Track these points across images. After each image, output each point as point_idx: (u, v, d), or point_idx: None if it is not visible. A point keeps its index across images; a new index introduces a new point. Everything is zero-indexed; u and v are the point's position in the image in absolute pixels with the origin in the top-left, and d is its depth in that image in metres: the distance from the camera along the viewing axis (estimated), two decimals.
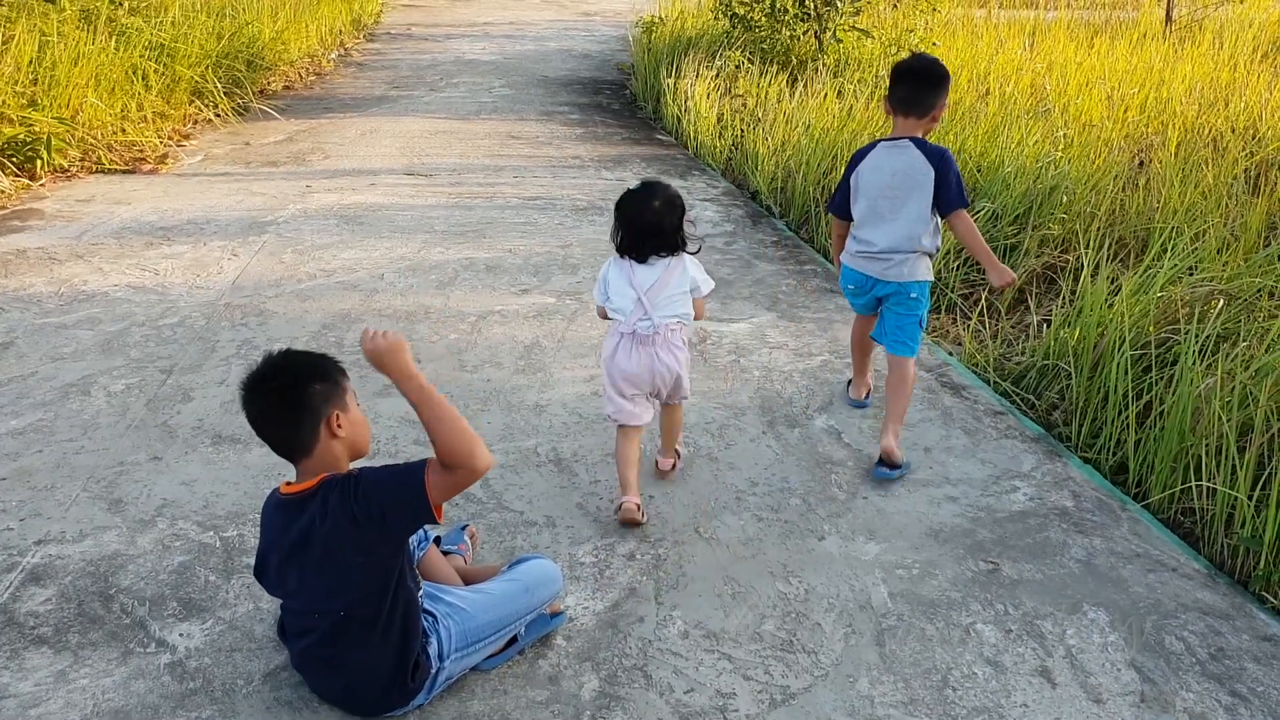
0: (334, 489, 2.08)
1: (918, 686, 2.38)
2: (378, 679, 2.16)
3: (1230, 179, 5.61)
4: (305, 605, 2.17)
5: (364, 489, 2.07)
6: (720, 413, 3.63)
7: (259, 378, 2.11)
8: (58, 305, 4.37)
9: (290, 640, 2.26)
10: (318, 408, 2.10)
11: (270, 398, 2.11)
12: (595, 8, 16.17)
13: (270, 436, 2.15)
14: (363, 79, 10.04)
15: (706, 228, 5.73)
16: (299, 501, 2.11)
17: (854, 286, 3.49)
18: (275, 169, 6.74)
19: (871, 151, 3.36)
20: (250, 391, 2.11)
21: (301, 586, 2.15)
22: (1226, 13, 11.64)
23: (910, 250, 3.31)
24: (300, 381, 2.10)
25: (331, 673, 2.19)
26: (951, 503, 3.14)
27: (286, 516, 2.14)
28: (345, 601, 2.11)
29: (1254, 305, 4.02)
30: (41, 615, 2.50)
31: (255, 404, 2.12)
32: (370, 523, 2.06)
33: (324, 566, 2.10)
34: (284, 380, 2.11)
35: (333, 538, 2.07)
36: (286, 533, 2.13)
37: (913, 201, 3.26)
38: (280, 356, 2.15)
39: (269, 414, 2.13)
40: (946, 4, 11.06)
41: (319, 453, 2.12)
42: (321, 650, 2.17)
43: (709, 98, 7.77)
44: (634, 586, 2.69)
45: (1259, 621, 2.65)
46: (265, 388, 2.10)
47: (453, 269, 4.97)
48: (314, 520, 2.08)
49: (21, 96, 6.22)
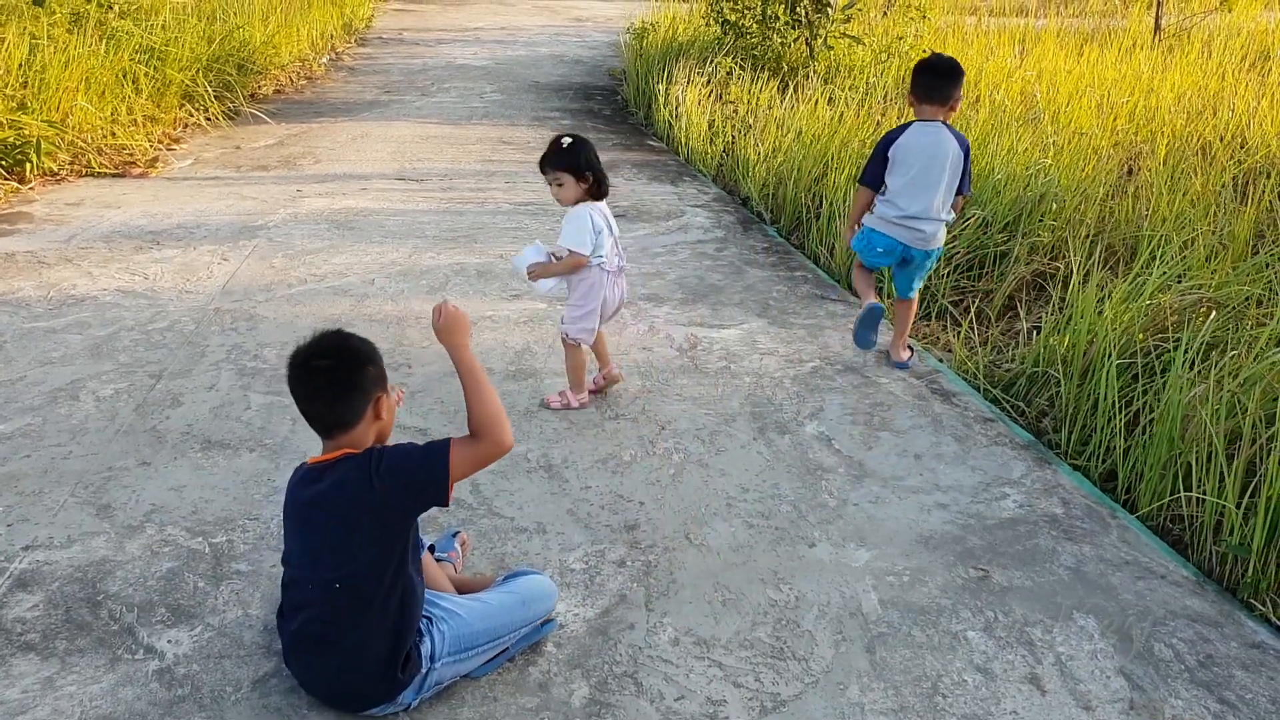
0: (354, 460, 2.15)
1: (908, 694, 2.38)
2: (370, 662, 2.15)
3: (1219, 187, 5.64)
4: (304, 574, 2.19)
5: (388, 458, 2.15)
6: (711, 419, 3.64)
7: (314, 354, 2.16)
8: (46, 309, 4.35)
9: (286, 620, 2.25)
10: (369, 389, 2.17)
11: (325, 376, 2.16)
12: (587, 13, 16.19)
13: (316, 411, 2.20)
14: (354, 83, 10.02)
15: (698, 234, 5.74)
16: (319, 471, 2.18)
17: (883, 249, 3.97)
18: (266, 173, 6.72)
19: (908, 129, 3.86)
20: (299, 370, 2.16)
21: (304, 551, 2.19)
22: (1215, 22, 11.71)
23: (940, 218, 3.87)
24: (360, 362, 2.17)
25: (324, 650, 2.17)
26: (942, 510, 3.14)
27: (305, 484, 2.20)
28: (345, 573, 2.13)
29: (1242, 313, 4.04)
30: (29, 622, 2.49)
31: (306, 382, 2.17)
32: (387, 493, 2.11)
33: (329, 531, 2.15)
34: (342, 360, 2.16)
35: (344, 503, 2.13)
36: (301, 496, 2.19)
37: (946, 174, 3.81)
38: (337, 336, 2.20)
39: (320, 391, 2.17)
40: (937, 11, 11.10)
41: (359, 430, 2.18)
42: (316, 627, 2.17)
43: (700, 104, 7.78)
44: (624, 593, 2.69)
45: (1247, 629, 2.66)
46: (320, 367, 2.15)
47: (444, 274, 4.96)
48: (330, 486, 2.14)
49: (11, 100, 6.19)
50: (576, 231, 3.41)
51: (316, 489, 2.16)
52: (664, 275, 5.07)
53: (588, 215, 3.41)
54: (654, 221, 5.96)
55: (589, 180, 3.39)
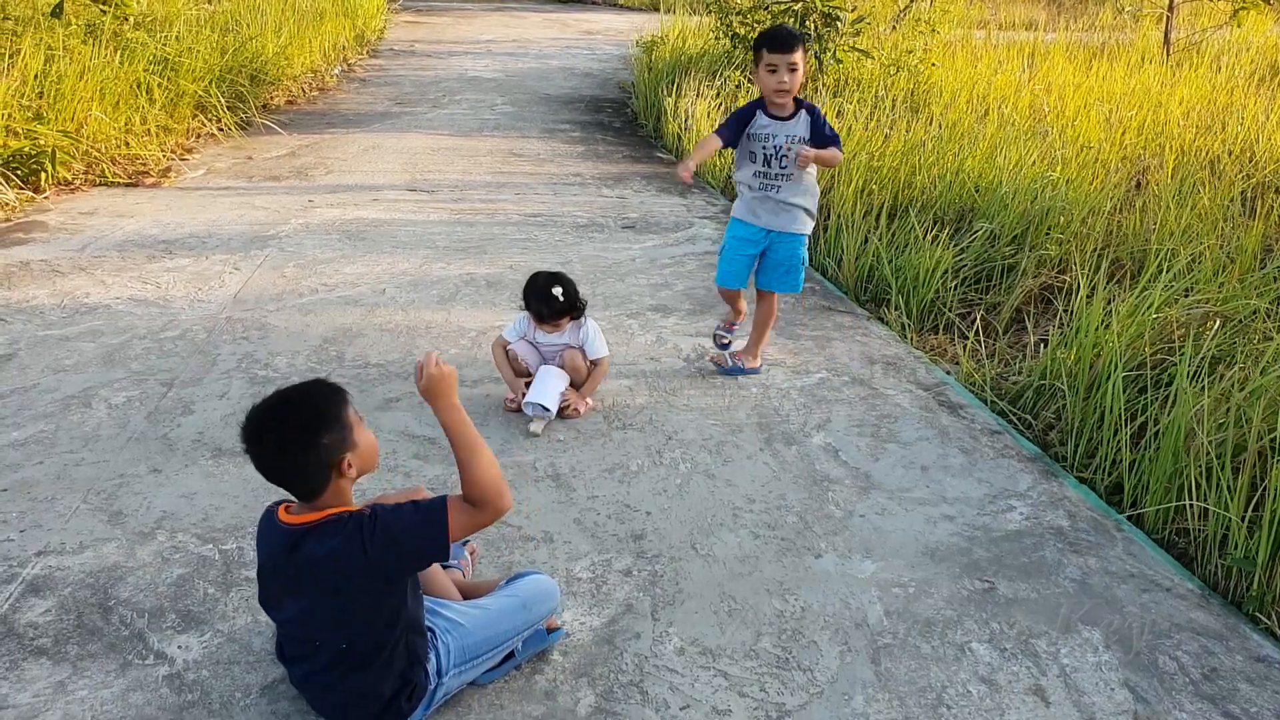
0: (344, 526, 2.04)
1: (912, 705, 2.39)
2: (377, 700, 2.16)
3: (1227, 201, 5.65)
4: (304, 634, 2.15)
5: (381, 527, 2.02)
6: (718, 430, 3.65)
7: (260, 428, 2.02)
8: (60, 317, 4.39)
9: (289, 665, 2.25)
10: (325, 459, 2.03)
11: (273, 451, 2.03)
12: (597, 27, 16.27)
13: (277, 482, 2.07)
14: (366, 94, 10.09)
15: (706, 245, 5.76)
16: (302, 533, 2.06)
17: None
18: (278, 183, 6.77)
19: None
20: (251, 443, 2.03)
21: (301, 615, 2.13)
22: (1225, 36, 11.72)
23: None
24: (308, 433, 2.01)
25: (331, 693, 2.19)
26: (948, 521, 3.15)
27: (287, 546, 2.08)
28: (347, 635, 2.10)
29: (1249, 326, 4.05)
30: (41, 626, 2.51)
31: (258, 456, 2.04)
32: (382, 562, 2.03)
33: (326, 600, 2.07)
34: (287, 435, 2.01)
35: (340, 577, 2.04)
36: (287, 563, 2.08)
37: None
38: (280, 405, 2.04)
39: (273, 470, 2.05)
40: (946, 25, 11.13)
41: (327, 494, 2.07)
42: (322, 678, 2.17)
43: (709, 116, 7.82)
44: (631, 603, 2.70)
45: (1252, 642, 2.66)
46: (267, 440, 2.02)
47: (454, 284, 4.99)
48: (321, 559, 2.04)
49: (27, 110, 6.26)
50: (603, 339, 3.82)
51: (304, 558, 2.05)
52: (672, 286, 5.10)
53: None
54: (662, 233, 5.99)
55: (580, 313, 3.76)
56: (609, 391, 3.90)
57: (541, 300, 3.64)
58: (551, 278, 3.67)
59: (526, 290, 3.69)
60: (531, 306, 3.68)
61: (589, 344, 3.76)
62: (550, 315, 3.67)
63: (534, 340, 3.77)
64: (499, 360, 3.78)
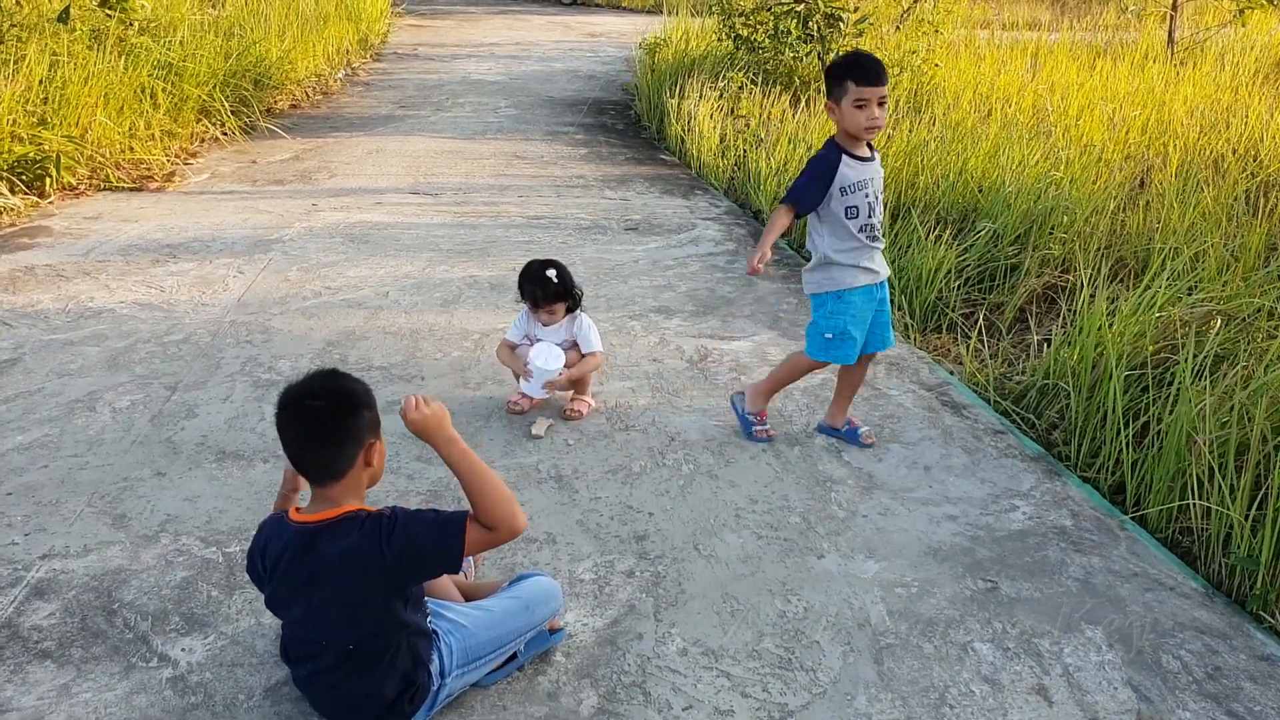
0: (361, 525, 2.05)
1: (915, 704, 2.39)
2: (381, 701, 2.16)
3: (1230, 200, 5.64)
4: (312, 633, 2.16)
5: (400, 531, 2.04)
6: (720, 430, 3.65)
7: (308, 394, 2.04)
8: (65, 321, 4.41)
9: (293, 665, 2.25)
10: (362, 437, 2.07)
11: (317, 419, 2.04)
12: (601, 29, 16.29)
13: (304, 457, 2.09)
14: (369, 98, 10.12)
15: (709, 246, 5.77)
16: (316, 531, 2.07)
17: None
18: (281, 187, 6.79)
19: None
20: (292, 410, 2.05)
21: (310, 614, 2.13)
22: (1229, 35, 11.70)
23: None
24: (355, 407, 2.05)
25: (336, 695, 2.19)
26: (951, 521, 3.15)
27: (300, 545, 2.09)
28: (355, 635, 2.11)
29: (1252, 325, 4.04)
30: (45, 629, 2.52)
31: (298, 424, 2.05)
32: (400, 565, 2.04)
33: (337, 600, 2.08)
34: (337, 404, 2.05)
35: (354, 575, 2.05)
36: (300, 563, 2.09)
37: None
38: (330, 378, 2.09)
39: (312, 435, 2.06)
40: (949, 25, 11.12)
41: (349, 479, 2.08)
42: (327, 678, 2.17)
43: (712, 118, 7.83)
44: (633, 603, 2.70)
45: (1256, 641, 2.66)
46: (314, 408, 2.03)
47: (457, 287, 5.00)
48: (336, 556, 2.05)
49: (32, 115, 6.29)
50: (598, 334, 3.81)
51: (319, 557, 2.06)
52: (675, 288, 5.10)
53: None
54: (665, 234, 5.99)
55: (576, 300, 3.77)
56: (611, 393, 3.91)
57: (536, 283, 3.65)
58: (546, 263, 3.69)
59: (521, 276, 3.71)
60: (526, 290, 3.69)
61: (582, 336, 3.76)
62: (545, 298, 3.66)
63: (536, 337, 3.77)
64: (506, 359, 3.78)
